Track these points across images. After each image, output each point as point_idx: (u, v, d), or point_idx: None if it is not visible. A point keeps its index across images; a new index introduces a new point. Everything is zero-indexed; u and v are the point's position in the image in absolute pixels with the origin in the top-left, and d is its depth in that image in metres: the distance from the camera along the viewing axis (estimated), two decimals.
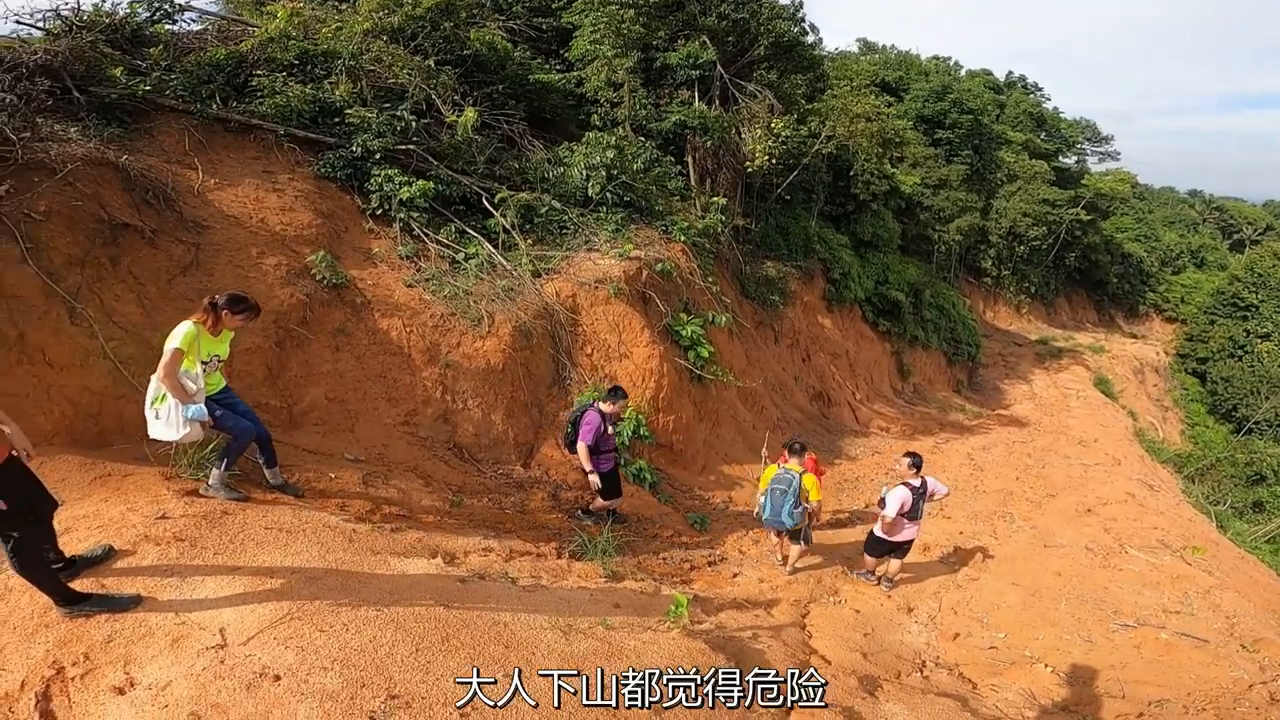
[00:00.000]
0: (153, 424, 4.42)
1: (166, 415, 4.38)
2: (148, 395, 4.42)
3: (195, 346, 4.46)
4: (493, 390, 8.11)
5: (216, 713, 2.79)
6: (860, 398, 18.09)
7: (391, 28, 10.78)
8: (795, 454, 7.17)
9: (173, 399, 4.35)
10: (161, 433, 4.42)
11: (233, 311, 4.65)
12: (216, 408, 4.71)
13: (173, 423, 4.38)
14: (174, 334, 4.39)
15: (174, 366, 4.33)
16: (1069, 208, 36.15)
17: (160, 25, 9.41)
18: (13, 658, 3.15)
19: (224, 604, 3.45)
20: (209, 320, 4.57)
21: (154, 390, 4.38)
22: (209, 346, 4.63)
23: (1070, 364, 29.67)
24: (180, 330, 4.40)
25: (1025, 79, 48.02)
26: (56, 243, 5.77)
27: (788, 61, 17.01)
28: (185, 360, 4.41)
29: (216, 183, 7.73)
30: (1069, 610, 7.12)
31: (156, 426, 4.41)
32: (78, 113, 7.25)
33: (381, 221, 9.03)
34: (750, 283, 15.51)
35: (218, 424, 4.73)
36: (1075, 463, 15.40)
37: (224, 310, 4.61)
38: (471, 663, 3.29)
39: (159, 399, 4.38)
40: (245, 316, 4.73)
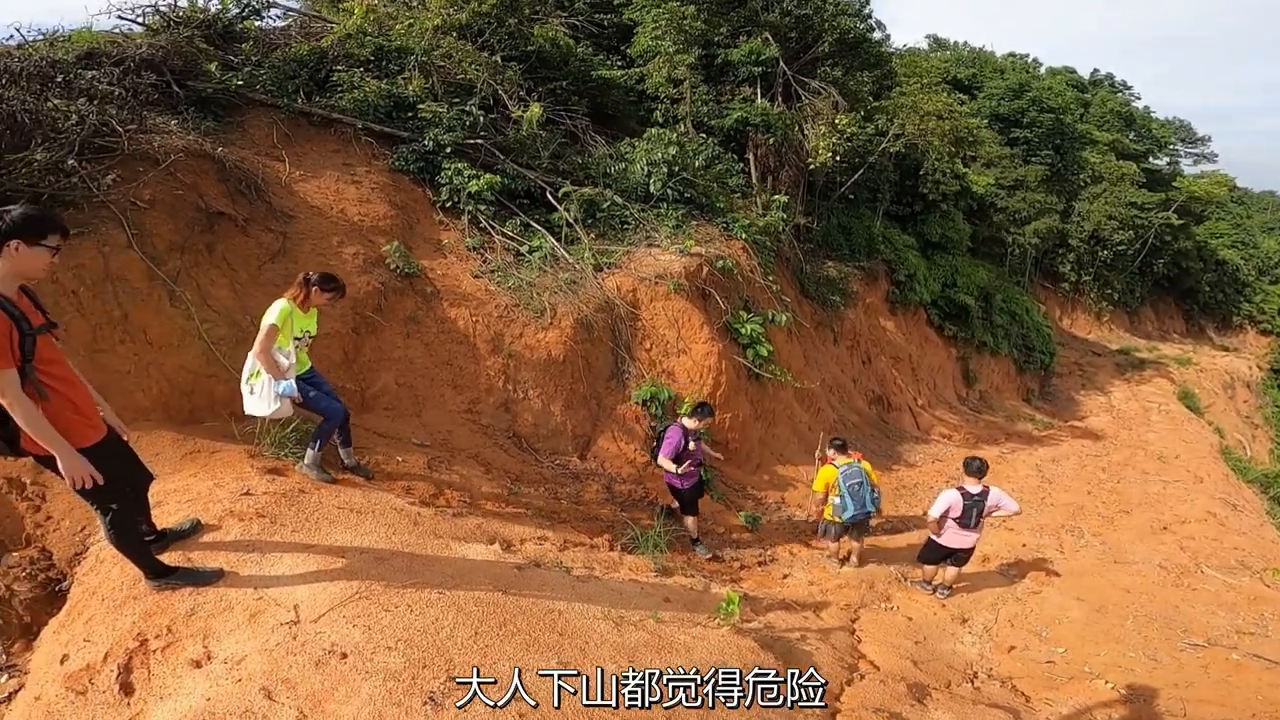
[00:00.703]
0: (247, 399, 4.71)
1: (260, 390, 4.65)
2: (244, 372, 4.72)
3: (289, 323, 4.74)
4: (553, 381, 8.28)
5: (286, 688, 2.90)
6: (922, 403, 17.61)
7: (459, 24, 11.04)
8: (841, 450, 7.48)
9: (266, 375, 4.62)
10: (255, 407, 4.71)
11: (322, 289, 4.93)
12: (308, 388, 4.97)
13: (265, 398, 4.65)
14: (269, 310, 4.67)
15: (269, 342, 4.61)
16: (1159, 211, 34.01)
17: (249, 21, 9.93)
18: (99, 629, 3.34)
19: (298, 581, 3.64)
20: (301, 296, 4.84)
21: (250, 366, 4.67)
22: (300, 323, 4.90)
23: (1153, 376, 28.07)
24: (275, 307, 4.68)
25: (1112, 77, 45.34)
26: (159, 229, 6.19)
27: (853, 58, 16.60)
28: (279, 337, 4.68)
29: (301, 174, 8.14)
30: (1135, 628, 6.83)
31: (251, 401, 4.70)
32: (177, 106, 7.72)
33: (451, 214, 9.32)
34: (811, 282, 15.28)
35: (309, 404, 4.98)
36: (1153, 479, 14.64)
37: (315, 286, 4.89)
38: (527, 649, 3.42)
39: (254, 374, 4.66)
40: (332, 295, 5.02)
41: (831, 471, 7.28)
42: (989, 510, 6.80)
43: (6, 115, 5.52)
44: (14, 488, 4.62)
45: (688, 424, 6.91)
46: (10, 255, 2.78)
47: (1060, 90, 35.16)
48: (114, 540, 3.37)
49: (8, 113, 5.53)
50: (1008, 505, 6.82)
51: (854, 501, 7.12)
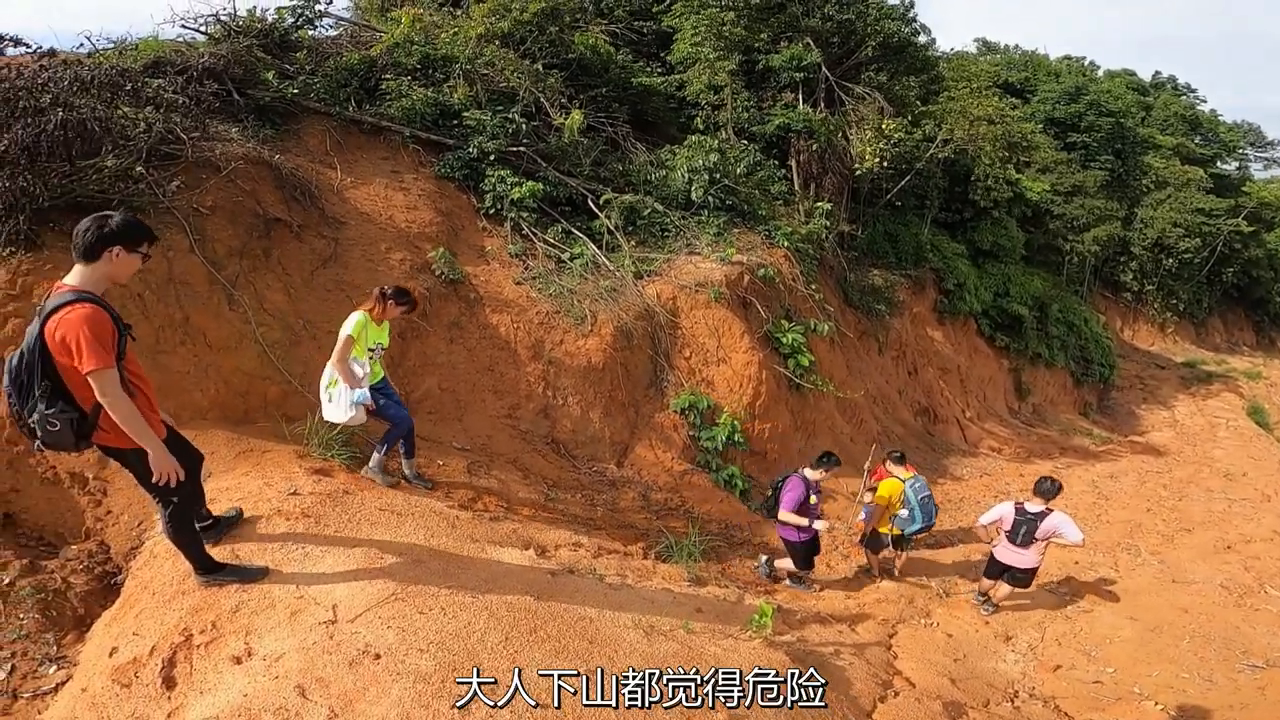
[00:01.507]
0: (325, 406, 4.95)
1: (338, 398, 4.89)
2: (322, 379, 4.94)
3: (364, 334, 4.96)
4: (592, 388, 8.34)
5: (319, 686, 2.97)
6: (970, 416, 17.11)
7: (502, 32, 11.22)
8: (900, 462, 7.43)
9: (343, 383, 4.84)
10: (332, 414, 4.94)
11: (397, 302, 5.17)
12: (380, 397, 5.19)
13: (342, 405, 4.89)
14: (346, 322, 4.89)
15: (346, 352, 4.84)
16: (1227, 218, 32.37)
17: (303, 31, 10.27)
18: (148, 623, 3.47)
19: (338, 580, 3.73)
20: (376, 309, 5.06)
21: (328, 375, 4.89)
22: (374, 335, 5.12)
23: (1220, 390, 26.70)
24: (352, 319, 4.90)
25: (1175, 79, 43.38)
26: (219, 235, 6.45)
27: (898, 63, 16.28)
28: (354, 348, 4.89)
29: (352, 181, 8.40)
30: (1191, 648, 6.54)
31: (328, 408, 4.94)
32: (237, 114, 8.00)
33: (494, 220, 9.48)
34: (855, 291, 15.02)
35: (380, 412, 5.19)
36: (1218, 497, 13.94)
37: (390, 300, 5.12)
38: (556, 655, 3.44)
39: (332, 383, 4.88)
40: (405, 309, 5.28)
41: (897, 484, 7.14)
42: (1045, 533, 6.49)
43: (78, 123, 5.72)
44: (76, 482, 4.87)
45: (810, 475, 6.59)
46: (110, 260, 2.93)
47: (1120, 93, 33.84)
48: (171, 533, 3.48)
49: (79, 120, 5.73)
50: (1069, 534, 6.45)
51: (923, 514, 7.03)
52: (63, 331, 2.81)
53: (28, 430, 3.02)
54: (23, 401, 2.95)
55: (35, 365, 2.87)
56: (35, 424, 2.92)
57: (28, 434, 3.05)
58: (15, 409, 3.00)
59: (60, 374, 2.91)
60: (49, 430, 2.93)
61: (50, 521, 4.80)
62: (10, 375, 2.93)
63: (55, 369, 2.90)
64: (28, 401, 2.92)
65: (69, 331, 2.80)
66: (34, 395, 2.89)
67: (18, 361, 2.92)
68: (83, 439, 3.04)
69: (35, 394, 2.89)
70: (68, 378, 2.92)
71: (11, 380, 2.94)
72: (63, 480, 4.89)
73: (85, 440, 3.06)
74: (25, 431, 3.06)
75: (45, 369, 2.89)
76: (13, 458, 4.83)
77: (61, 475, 4.89)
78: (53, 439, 2.97)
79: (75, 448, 3.09)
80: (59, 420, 2.91)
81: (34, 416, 2.91)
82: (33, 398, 2.90)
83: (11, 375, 2.93)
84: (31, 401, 2.91)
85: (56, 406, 2.91)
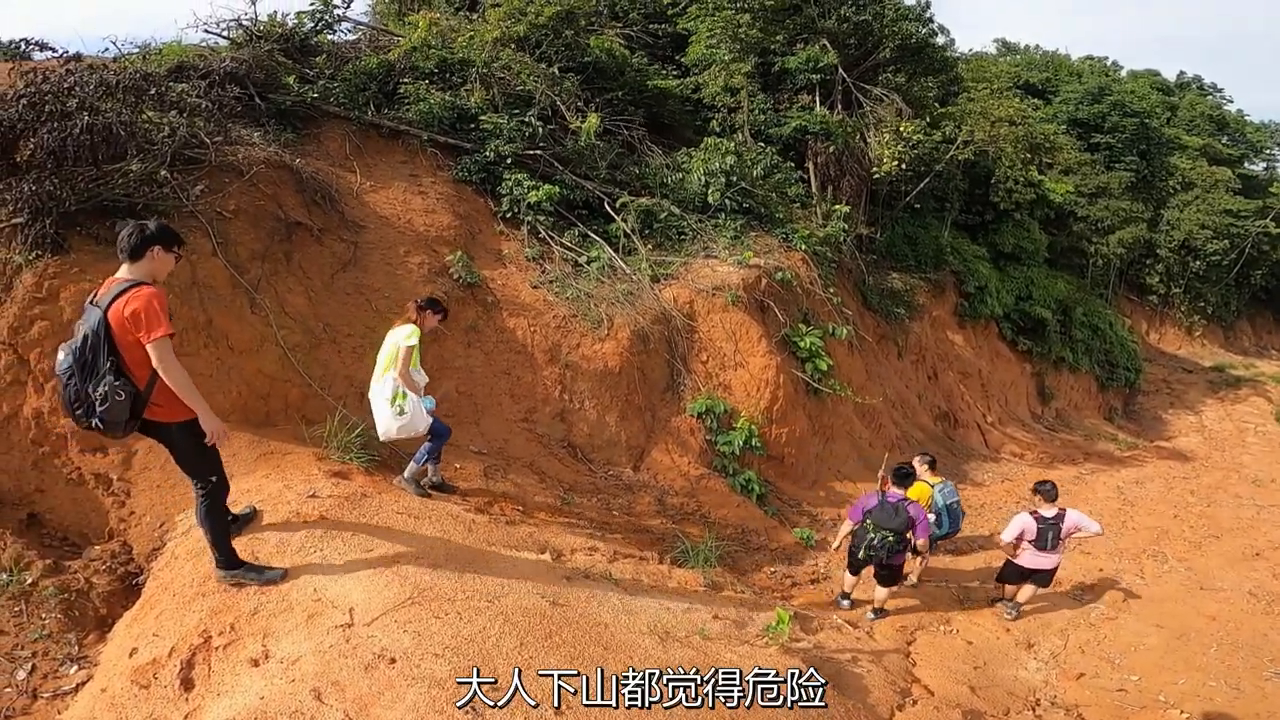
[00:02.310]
0: (394, 420, 4.89)
1: (413, 409, 4.92)
2: (383, 395, 4.91)
3: (419, 345, 5.06)
4: (608, 392, 8.32)
5: (335, 690, 2.98)
6: (992, 420, 16.87)
7: (518, 36, 11.25)
8: (932, 467, 7.47)
9: (413, 395, 4.91)
10: (411, 427, 4.95)
11: (434, 312, 5.28)
12: None
13: (418, 415, 4.94)
14: (405, 334, 4.95)
15: (409, 363, 4.91)
16: (1256, 219, 31.65)
17: (323, 35, 10.38)
18: (168, 624, 3.50)
19: (355, 584, 3.74)
20: (417, 321, 5.14)
21: (391, 389, 4.88)
22: None
23: (1250, 395, 26.10)
24: (409, 329, 4.99)
25: (1200, 79, 42.55)
26: (242, 238, 6.52)
27: (916, 64, 16.10)
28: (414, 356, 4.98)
29: (371, 185, 8.46)
30: (1219, 656, 6.42)
31: (401, 422, 4.90)
32: (259, 118, 8.10)
33: (511, 224, 9.50)
34: (873, 294, 14.87)
35: None
36: (1247, 503, 13.64)
37: (427, 311, 5.21)
38: (570, 661, 3.42)
39: (400, 396, 4.88)
40: (441, 317, 5.38)
41: (925, 489, 7.07)
42: (1068, 532, 6.64)
43: (103, 127, 5.75)
44: (101, 483, 4.94)
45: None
46: (152, 258, 3.36)
47: (1144, 94, 33.25)
48: (204, 513, 3.63)
49: (104, 124, 5.77)
50: (1088, 526, 6.69)
51: (951, 520, 7.04)
52: (134, 306, 3.17)
53: (85, 409, 3.23)
54: (86, 379, 3.21)
55: (101, 345, 3.18)
56: (101, 395, 3.18)
57: (84, 412, 3.25)
58: (75, 388, 3.23)
59: (121, 352, 3.23)
60: (115, 401, 3.19)
61: (74, 522, 4.87)
62: (74, 356, 3.21)
63: (117, 348, 3.22)
64: (93, 377, 3.20)
65: (141, 304, 3.17)
66: (100, 370, 3.18)
67: (81, 344, 3.21)
68: (135, 417, 3.32)
69: (103, 369, 3.18)
70: (128, 355, 3.24)
71: (76, 360, 3.21)
72: (87, 481, 4.96)
73: (137, 419, 3.34)
74: (81, 410, 3.25)
75: (110, 347, 3.20)
76: (38, 458, 4.91)
77: (86, 476, 4.96)
78: (113, 413, 3.21)
79: (125, 428, 3.32)
80: (123, 392, 3.20)
81: (101, 389, 3.18)
82: (99, 372, 3.18)
83: (75, 356, 3.21)
84: (98, 376, 3.19)
85: (122, 379, 3.22)
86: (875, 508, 6.01)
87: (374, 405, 5.03)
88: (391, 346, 5.03)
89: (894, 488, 6.16)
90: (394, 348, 4.98)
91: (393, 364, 4.93)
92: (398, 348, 4.94)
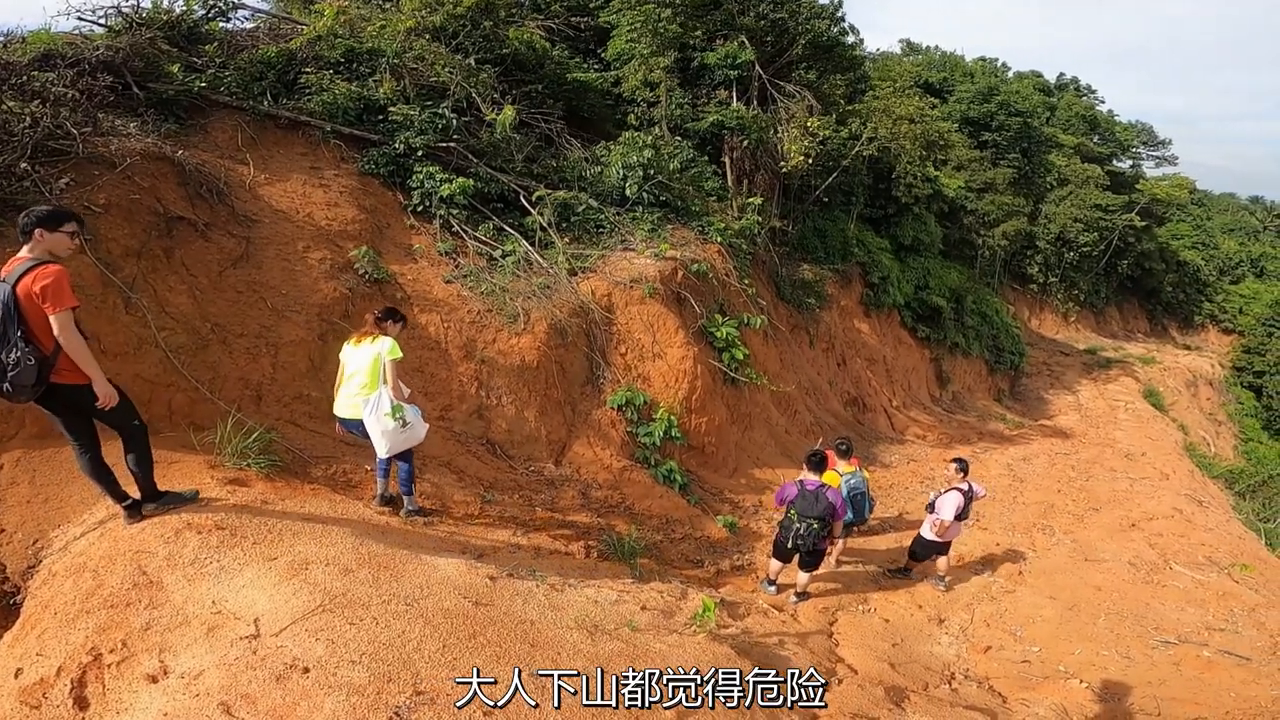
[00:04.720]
0: (400, 433, 4.92)
1: (415, 418, 5.02)
2: (379, 410, 4.88)
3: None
4: (527, 387, 8.18)
5: (245, 703, 2.83)
6: (897, 404, 17.77)
7: (433, 26, 10.89)
8: (844, 455, 7.59)
9: (408, 405, 4.97)
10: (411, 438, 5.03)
11: (394, 321, 5.22)
12: None
13: (418, 423, 5.04)
14: (386, 347, 4.98)
15: (397, 375, 4.97)
16: (1122, 213, 34.84)
17: (215, 23, 9.68)
18: (52, 642, 3.26)
19: (259, 593, 3.53)
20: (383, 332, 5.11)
21: (387, 403, 4.87)
22: None
23: (1119, 375, 28.68)
24: (388, 343, 5.00)
25: (1078, 81, 46.46)
26: (114, 234, 5.99)
27: (827, 62, 16.73)
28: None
29: (266, 178, 7.95)
30: (1108, 626, 6.95)
31: (406, 434, 4.95)
32: (136, 108, 7.50)
33: (422, 218, 9.17)
34: (786, 285, 15.34)
35: None
36: (1121, 476, 14.91)
37: (387, 321, 5.18)
38: (497, 660, 3.33)
39: (397, 409, 4.88)
40: (402, 325, 5.32)
41: (835, 477, 7.25)
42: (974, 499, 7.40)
43: None
44: None
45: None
46: (39, 239, 3.67)
47: (1028, 94, 35.89)
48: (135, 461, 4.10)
49: None
50: (979, 490, 7.53)
51: (853, 510, 7.28)
52: (42, 282, 3.52)
53: None
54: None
55: (11, 316, 3.50)
56: (14, 361, 3.48)
57: None
58: None
59: (29, 323, 3.55)
60: (26, 366, 3.50)
61: None
62: None
63: (25, 319, 3.54)
64: (4, 345, 3.49)
65: (49, 281, 3.53)
66: (11, 338, 3.49)
67: None
68: (41, 382, 3.61)
69: (13, 337, 3.49)
70: (35, 326, 3.57)
71: None
72: None
73: (43, 384, 3.64)
74: None
75: (20, 318, 3.52)
76: None
77: None
78: (22, 377, 3.52)
79: (32, 391, 3.62)
80: (33, 357, 3.52)
81: (14, 355, 3.48)
82: (9, 340, 3.49)
83: None
84: (10, 344, 3.49)
85: (32, 346, 3.54)
86: (796, 497, 6.14)
87: (369, 423, 4.93)
88: (370, 362, 4.99)
89: (809, 474, 6.28)
90: (375, 362, 4.97)
91: (379, 379, 4.94)
92: (381, 362, 4.94)
